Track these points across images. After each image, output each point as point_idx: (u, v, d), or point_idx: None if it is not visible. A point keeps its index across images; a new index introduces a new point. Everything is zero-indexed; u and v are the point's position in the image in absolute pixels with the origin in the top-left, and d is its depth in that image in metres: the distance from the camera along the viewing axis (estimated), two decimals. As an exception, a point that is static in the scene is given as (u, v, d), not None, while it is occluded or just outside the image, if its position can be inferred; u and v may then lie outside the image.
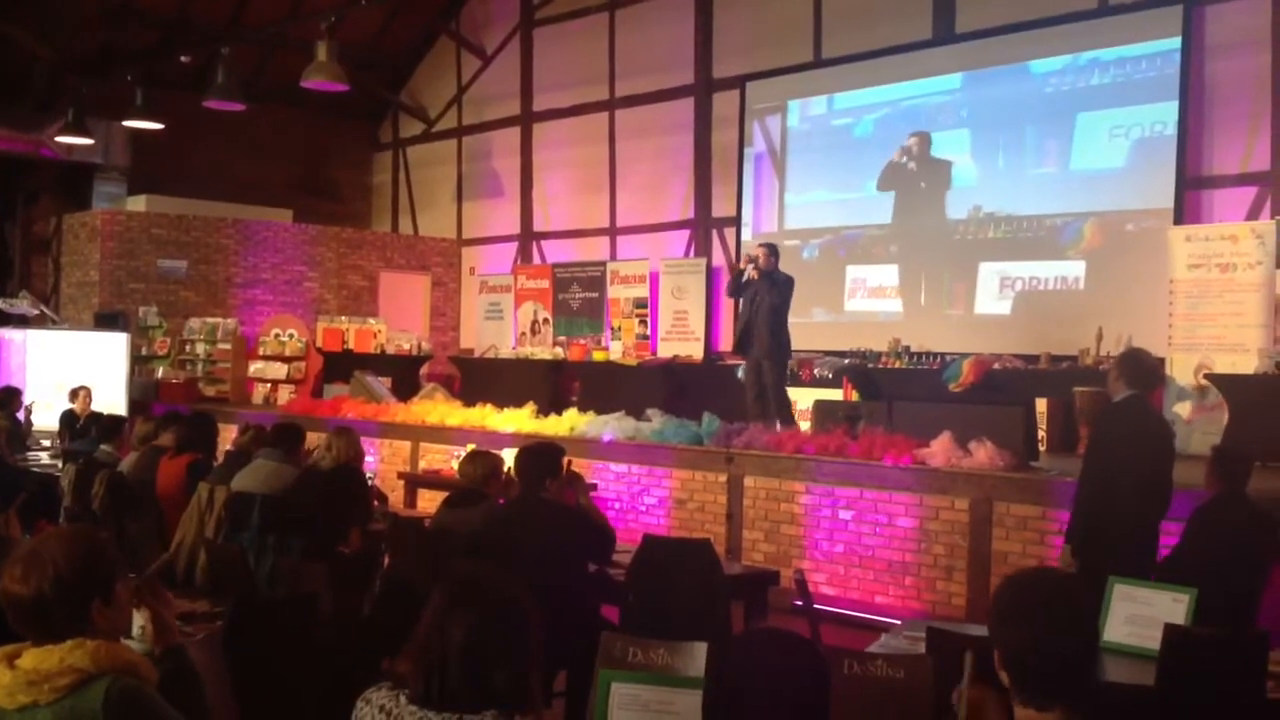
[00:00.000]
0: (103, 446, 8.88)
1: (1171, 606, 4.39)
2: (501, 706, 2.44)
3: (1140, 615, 4.40)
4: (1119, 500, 5.63)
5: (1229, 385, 9.51)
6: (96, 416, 10.53)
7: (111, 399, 13.69)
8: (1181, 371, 10.17)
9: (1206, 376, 9.86)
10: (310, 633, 4.46)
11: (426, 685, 2.48)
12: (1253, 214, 10.80)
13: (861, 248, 13.66)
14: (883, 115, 13.66)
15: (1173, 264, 10.38)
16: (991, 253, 12.60)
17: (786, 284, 10.33)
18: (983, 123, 12.75)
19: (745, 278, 10.29)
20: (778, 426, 9.60)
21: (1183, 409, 10.10)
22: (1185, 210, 11.13)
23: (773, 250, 10.46)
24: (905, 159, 13.24)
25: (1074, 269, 12.02)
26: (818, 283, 13.65)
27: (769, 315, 10.19)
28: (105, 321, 16.05)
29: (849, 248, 13.62)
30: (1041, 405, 10.05)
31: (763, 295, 10.21)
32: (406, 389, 14.41)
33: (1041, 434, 9.71)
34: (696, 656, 3.71)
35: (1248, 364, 9.74)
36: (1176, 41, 11.21)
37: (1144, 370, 5.91)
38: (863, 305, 13.40)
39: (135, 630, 3.06)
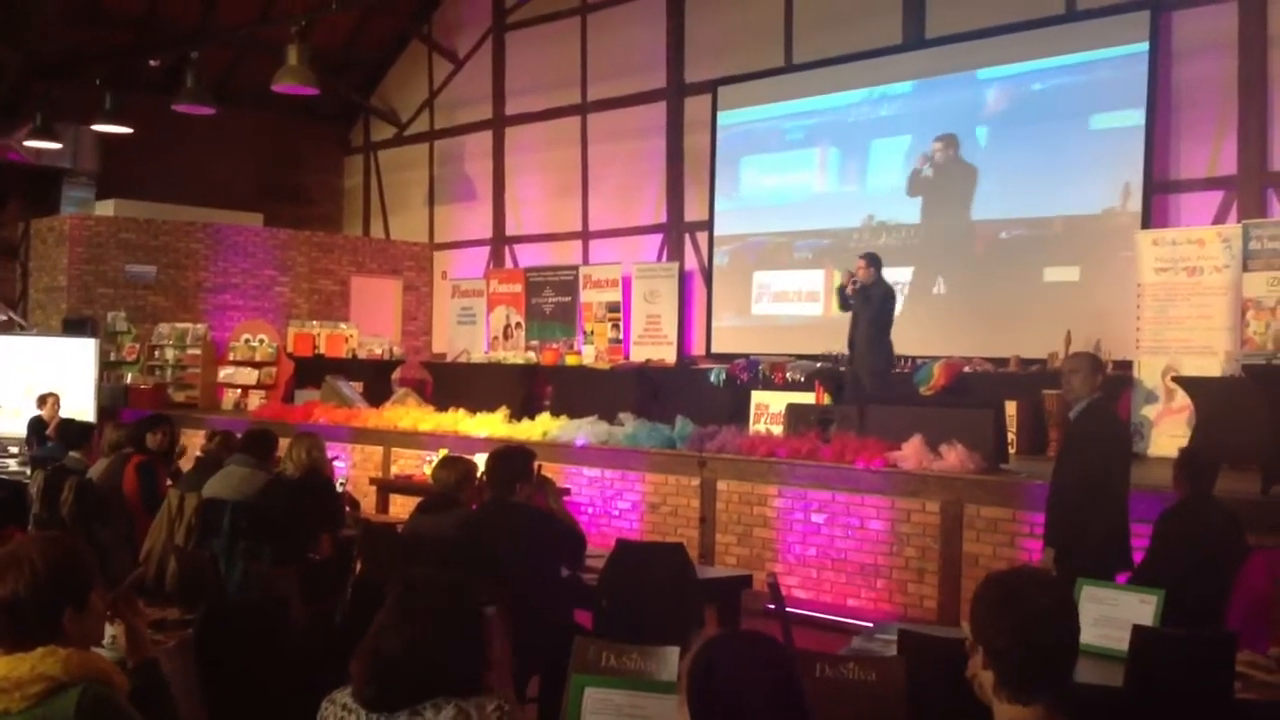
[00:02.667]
0: (71, 453, 8.81)
1: (1139, 608, 4.43)
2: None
3: (1108, 616, 4.43)
4: (1101, 503, 5.68)
5: (1196, 388, 9.60)
6: (65, 423, 10.44)
7: (80, 405, 13.58)
8: (1149, 374, 10.26)
9: (1174, 379, 9.94)
10: (281, 639, 4.44)
11: (376, 686, 2.51)
12: (1219, 218, 10.89)
13: (768, 253, 14.34)
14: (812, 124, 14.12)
15: (1140, 268, 10.47)
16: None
17: (881, 299, 10.01)
18: (969, 126, 12.84)
19: (847, 292, 10.07)
20: None
21: (1150, 411, 10.19)
22: (1152, 214, 11.21)
23: (873, 261, 10.08)
24: (926, 166, 13.10)
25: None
26: (726, 287, 14.70)
27: (867, 329, 9.99)
28: (73, 327, 15.92)
29: (757, 254, 14.42)
30: (1011, 408, 10.10)
31: (860, 310, 10.05)
32: (378, 394, 14.35)
33: (1011, 437, 9.77)
34: (669, 661, 3.71)
35: (1215, 367, 9.84)
36: (1144, 46, 11.29)
37: (1103, 372, 5.98)
38: (769, 309, 14.35)
39: (106, 639, 3.05)
